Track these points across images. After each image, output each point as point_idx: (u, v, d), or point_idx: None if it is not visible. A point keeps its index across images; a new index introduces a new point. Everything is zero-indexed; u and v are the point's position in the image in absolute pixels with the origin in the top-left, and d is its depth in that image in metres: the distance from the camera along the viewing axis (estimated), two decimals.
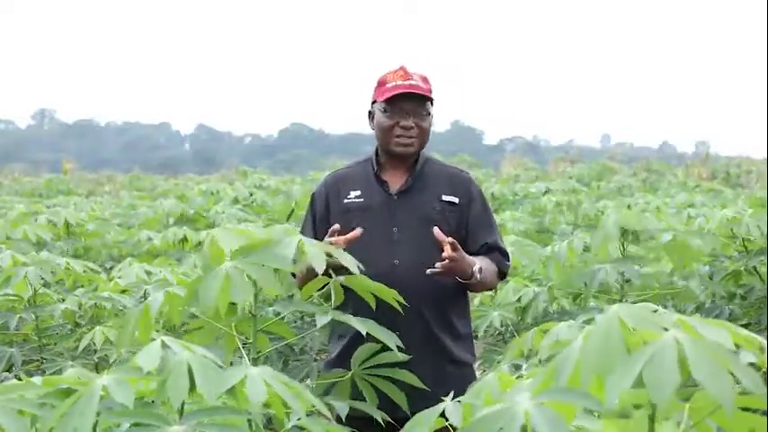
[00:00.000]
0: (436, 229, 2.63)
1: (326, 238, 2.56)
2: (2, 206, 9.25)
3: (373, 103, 2.84)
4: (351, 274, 2.20)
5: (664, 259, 4.17)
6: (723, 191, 10.62)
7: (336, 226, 2.60)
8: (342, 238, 2.55)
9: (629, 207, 8.05)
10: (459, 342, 2.81)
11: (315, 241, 2.13)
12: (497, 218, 7.07)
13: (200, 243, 6.11)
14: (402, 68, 2.81)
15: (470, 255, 2.74)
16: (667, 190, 12.19)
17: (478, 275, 2.68)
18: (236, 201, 9.59)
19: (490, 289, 3.03)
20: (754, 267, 3.87)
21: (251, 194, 10.12)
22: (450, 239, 2.60)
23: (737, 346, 1.16)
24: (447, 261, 2.57)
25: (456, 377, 2.71)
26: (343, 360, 2.70)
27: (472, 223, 2.81)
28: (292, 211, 7.73)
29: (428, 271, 2.59)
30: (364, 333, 2.20)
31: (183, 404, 1.35)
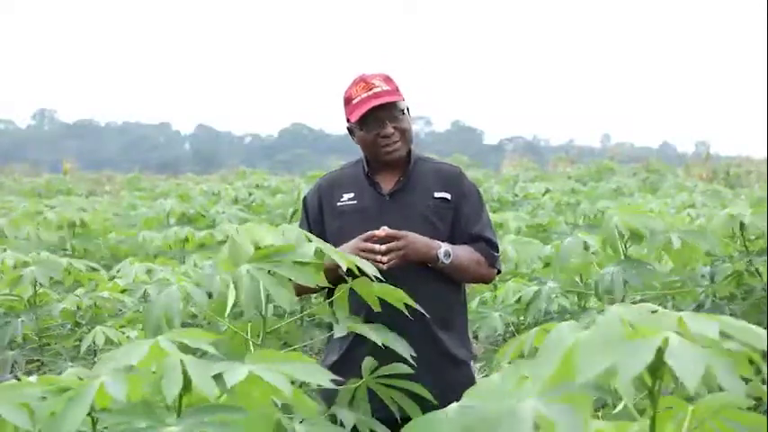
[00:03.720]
0: (383, 228, 2.62)
1: (359, 242, 2.59)
2: (2, 206, 9.25)
3: (348, 120, 2.84)
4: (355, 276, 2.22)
5: (664, 260, 4.18)
6: (722, 191, 10.60)
7: (375, 231, 2.61)
8: (379, 233, 2.59)
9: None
10: (456, 340, 2.80)
11: (330, 247, 2.16)
12: (496, 216, 7.08)
13: (202, 245, 6.12)
14: (362, 79, 2.79)
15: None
16: (667, 190, 12.18)
17: (445, 259, 2.66)
18: (235, 201, 9.61)
19: (477, 278, 2.86)
20: (756, 269, 3.86)
21: (250, 194, 10.14)
22: (383, 228, 2.60)
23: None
24: (389, 248, 2.56)
25: (454, 376, 2.71)
26: (346, 363, 2.69)
27: (462, 216, 2.80)
28: (295, 210, 7.74)
29: (384, 266, 2.53)
30: (381, 344, 2.21)
31: (180, 404, 1.35)
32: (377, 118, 2.76)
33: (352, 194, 2.83)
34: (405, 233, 2.62)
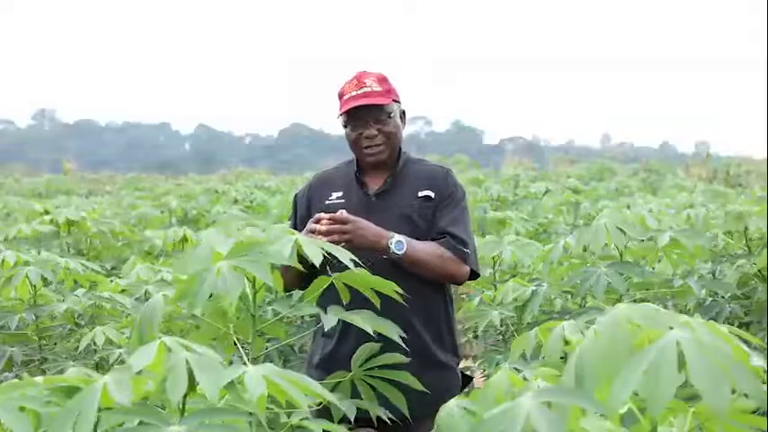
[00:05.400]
0: (341, 212, 2.59)
1: (310, 224, 2.56)
2: (2, 207, 9.25)
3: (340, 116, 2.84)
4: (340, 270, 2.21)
5: (663, 261, 4.17)
6: (722, 190, 10.60)
7: (322, 214, 2.58)
8: (326, 216, 2.55)
9: (628, 207, 8.07)
10: (442, 343, 2.78)
11: (311, 238, 2.14)
12: (496, 214, 7.07)
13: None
14: (356, 77, 2.79)
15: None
16: (667, 190, 12.19)
17: (396, 249, 2.60)
18: (235, 201, 9.62)
19: (445, 274, 2.74)
20: (760, 271, 3.86)
21: (251, 194, 10.15)
22: (340, 211, 2.58)
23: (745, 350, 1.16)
24: (330, 230, 2.52)
25: (438, 379, 2.69)
26: (331, 360, 2.69)
27: (439, 211, 2.77)
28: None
29: (315, 230, 2.49)
30: (372, 332, 2.18)
31: (184, 404, 1.35)
32: (361, 118, 2.76)
33: (340, 193, 2.83)
34: (355, 219, 2.58)
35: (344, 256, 2.11)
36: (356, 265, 2.14)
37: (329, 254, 2.10)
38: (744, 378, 1.07)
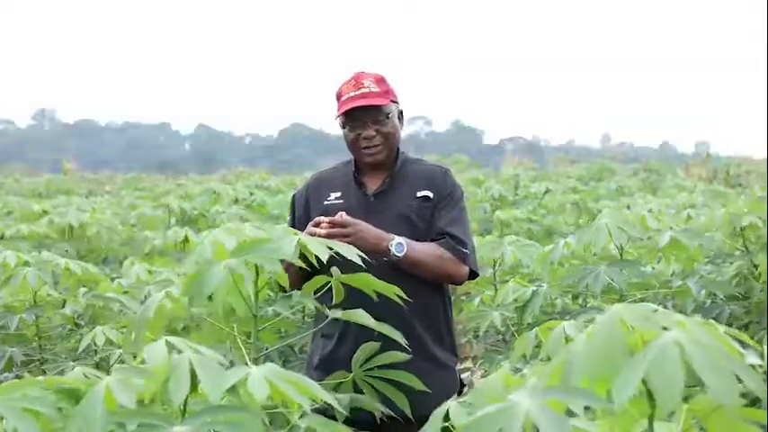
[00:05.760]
0: (340, 214, 2.59)
1: (310, 227, 2.56)
2: (3, 206, 9.25)
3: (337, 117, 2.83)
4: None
5: (663, 261, 4.17)
6: (723, 190, 10.59)
7: (322, 218, 2.58)
8: (326, 219, 2.55)
9: (628, 207, 8.07)
10: (440, 343, 2.78)
11: (314, 237, 2.16)
12: (496, 214, 7.08)
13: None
14: (354, 77, 2.79)
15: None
16: (667, 190, 12.19)
17: (397, 251, 2.60)
18: (236, 201, 9.62)
19: (444, 275, 2.73)
20: (760, 273, 3.86)
21: (251, 194, 10.15)
22: (339, 213, 2.57)
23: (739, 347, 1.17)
24: (330, 234, 2.48)
25: (438, 379, 2.69)
26: (331, 361, 2.70)
27: (437, 211, 2.77)
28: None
29: (315, 234, 2.46)
30: (375, 327, 2.20)
31: (186, 404, 1.35)
32: (359, 118, 2.76)
33: (339, 194, 2.83)
34: (355, 222, 2.58)
35: (350, 252, 2.13)
36: (362, 261, 2.15)
37: (335, 254, 2.12)
38: (743, 373, 1.08)
